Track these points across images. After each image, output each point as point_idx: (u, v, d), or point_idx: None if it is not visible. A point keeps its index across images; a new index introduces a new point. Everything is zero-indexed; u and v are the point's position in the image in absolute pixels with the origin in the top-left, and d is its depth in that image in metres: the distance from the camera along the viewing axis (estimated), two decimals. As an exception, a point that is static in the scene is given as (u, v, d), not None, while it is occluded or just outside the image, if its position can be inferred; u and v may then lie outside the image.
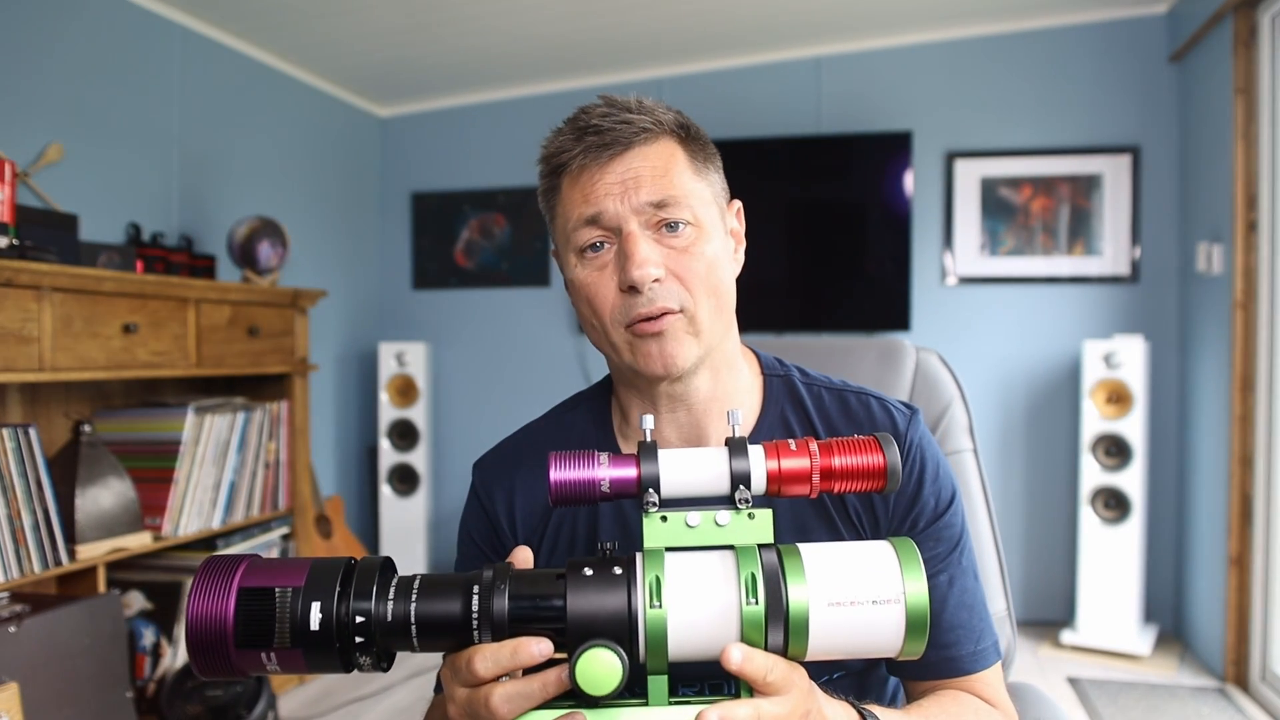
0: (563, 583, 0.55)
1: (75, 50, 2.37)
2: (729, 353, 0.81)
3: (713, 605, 0.55)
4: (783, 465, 0.59)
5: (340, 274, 3.54)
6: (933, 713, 0.73)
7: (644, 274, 0.72)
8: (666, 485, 0.58)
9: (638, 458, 0.59)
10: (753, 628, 0.54)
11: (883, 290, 3.22)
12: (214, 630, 0.54)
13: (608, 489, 0.58)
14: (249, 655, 0.54)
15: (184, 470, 2.23)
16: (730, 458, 0.59)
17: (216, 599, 0.54)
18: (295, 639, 0.54)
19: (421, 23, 2.92)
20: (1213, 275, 2.70)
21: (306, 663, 0.55)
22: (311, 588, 0.55)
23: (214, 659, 0.54)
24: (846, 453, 0.59)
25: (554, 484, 0.58)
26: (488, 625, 0.55)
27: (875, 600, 0.54)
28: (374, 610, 0.55)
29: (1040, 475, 3.16)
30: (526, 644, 0.54)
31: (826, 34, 3.18)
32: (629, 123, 0.74)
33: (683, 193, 0.74)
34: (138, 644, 2.13)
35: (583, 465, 0.58)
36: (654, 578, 0.54)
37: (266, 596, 0.54)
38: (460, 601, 0.55)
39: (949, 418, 1.09)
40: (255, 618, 0.54)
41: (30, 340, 1.83)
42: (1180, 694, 2.49)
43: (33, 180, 2.22)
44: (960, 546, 0.80)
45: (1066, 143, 3.10)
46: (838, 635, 0.55)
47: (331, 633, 0.54)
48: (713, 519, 0.58)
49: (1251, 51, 2.50)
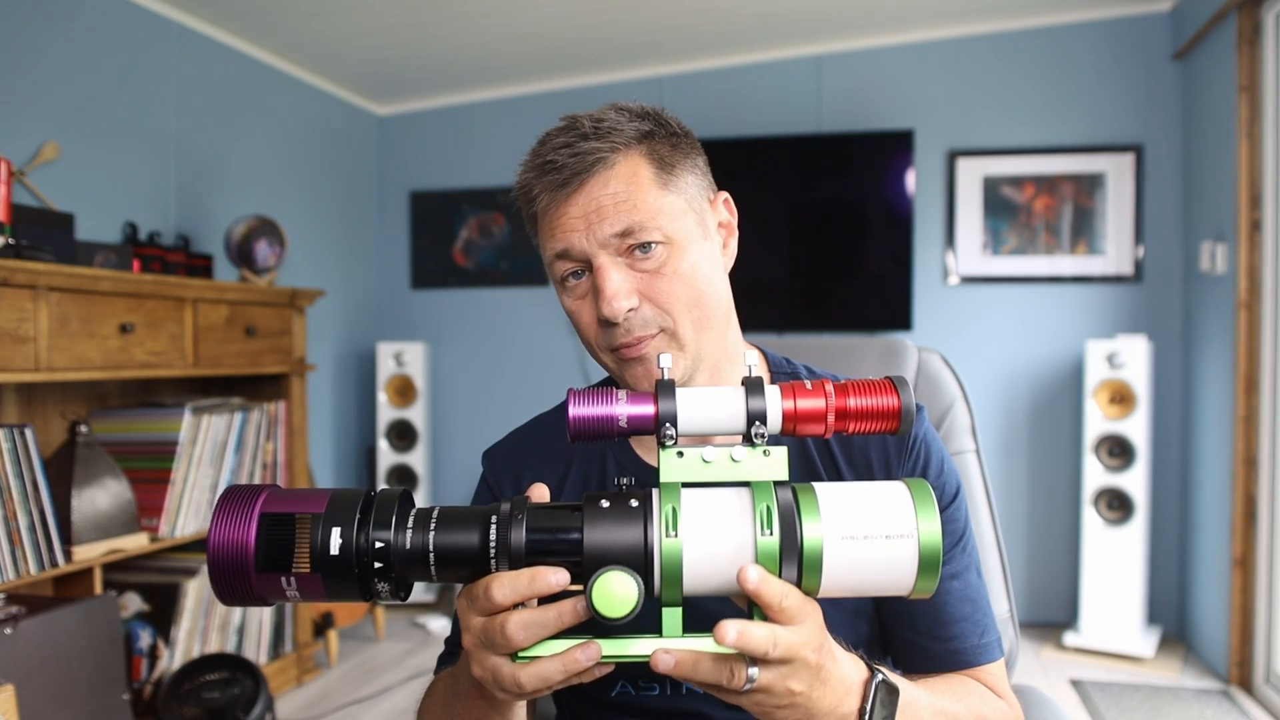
0: (579, 515, 0.56)
1: (72, 48, 2.36)
2: (729, 348, 0.81)
3: (729, 537, 0.55)
4: (799, 404, 0.59)
5: (338, 273, 3.53)
6: (939, 688, 0.73)
7: (614, 308, 0.73)
8: (684, 422, 0.59)
9: (655, 395, 0.59)
10: (768, 560, 0.54)
11: (884, 290, 3.20)
12: (235, 555, 0.55)
13: (625, 424, 0.58)
14: (269, 579, 0.55)
15: (181, 471, 2.22)
16: (747, 396, 0.59)
17: (238, 524, 0.55)
18: (315, 564, 0.55)
19: (420, 20, 2.91)
20: (1216, 275, 2.69)
21: (326, 588, 0.56)
22: (332, 515, 0.56)
23: (235, 584, 0.55)
24: (862, 393, 0.60)
25: (573, 419, 0.58)
26: (505, 556, 0.56)
27: (889, 535, 0.55)
28: (393, 539, 0.56)
29: (1043, 476, 3.14)
30: (544, 573, 0.55)
31: (827, 32, 3.17)
32: (583, 153, 0.73)
33: (649, 213, 0.73)
34: (135, 646, 2.11)
35: (601, 401, 0.59)
36: (670, 509, 0.55)
37: (288, 522, 0.55)
38: (478, 532, 0.56)
39: (951, 418, 1.08)
40: (276, 542, 0.55)
41: (26, 340, 1.82)
42: (1184, 696, 2.48)
43: (29, 179, 2.22)
44: (963, 541, 0.80)
45: (1069, 141, 3.09)
46: (851, 570, 0.55)
47: (351, 559, 0.55)
48: (728, 455, 0.58)
49: (1255, 49, 2.49)
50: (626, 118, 0.76)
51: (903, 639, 0.80)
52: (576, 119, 0.76)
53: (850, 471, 0.81)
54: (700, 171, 0.80)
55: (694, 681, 0.55)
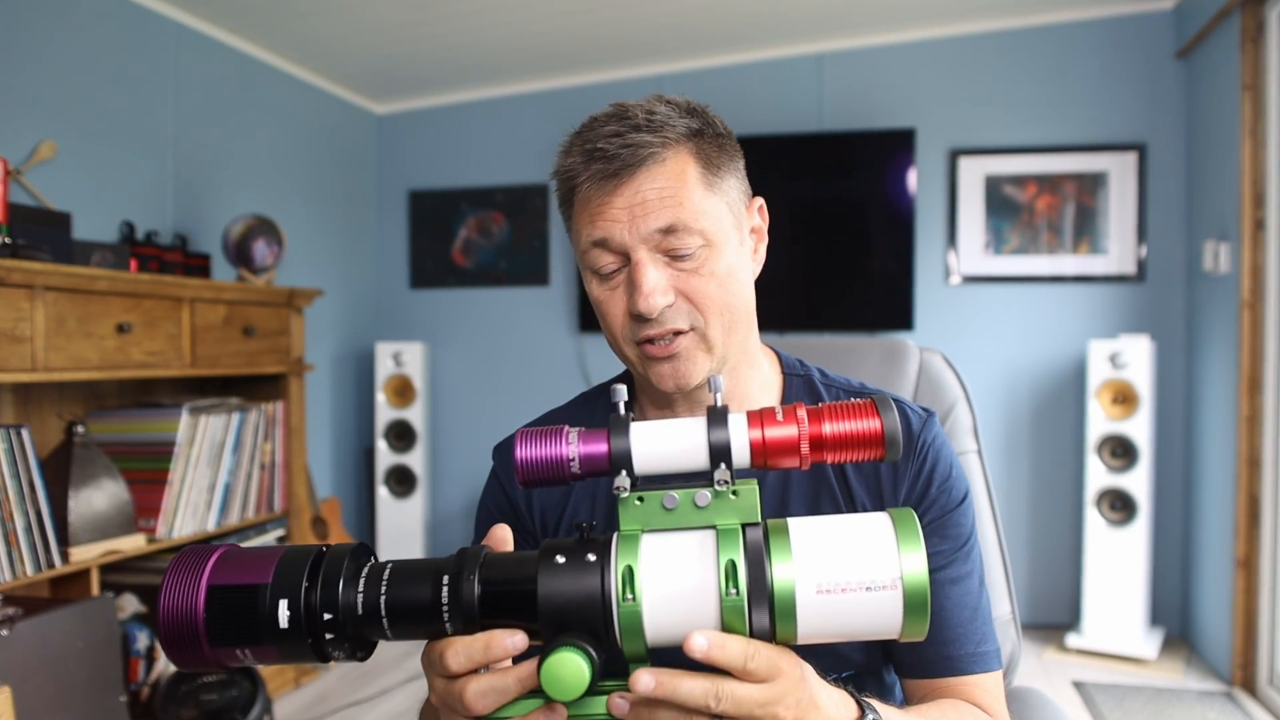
0: (534, 568, 0.53)
1: (69, 47, 2.35)
2: (749, 352, 0.82)
3: (691, 594, 0.52)
4: (767, 435, 0.54)
5: (337, 273, 3.52)
6: (933, 716, 0.72)
7: (651, 304, 0.72)
8: (640, 461, 0.55)
9: (609, 432, 0.55)
10: (734, 615, 0.51)
11: (886, 289, 3.19)
12: (186, 628, 0.53)
13: (578, 469, 0.55)
14: (223, 651, 0.54)
15: (178, 471, 2.21)
16: (709, 429, 0.54)
17: (186, 596, 0.54)
18: (265, 636, 0.53)
19: (419, 18, 2.90)
20: (1220, 274, 2.68)
21: (281, 656, 0.54)
22: (279, 583, 0.53)
23: (188, 653, 0.54)
24: (839, 418, 0.55)
25: (520, 462, 0.55)
26: (458, 613, 0.53)
27: (869, 587, 0.51)
28: (342, 601, 0.53)
29: (1045, 477, 3.13)
30: (499, 638, 0.53)
31: (829, 30, 3.16)
32: (636, 145, 0.72)
33: (693, 214, 0.73)
34: (131, 647, 2.11)
35: (550, 443, 0.55)
36: (626, 568, 0.52)
37: (234, 594, 0.53)
38: (430, 589, 0.54)
39: (953, 419, 1.08)
40: (224, 617, 0.53)
41: (23, 340, 1.81)
42: (1187, 698, 2.46)
43: (25, 178, 2.21)
44: (967, 547, 0.80)
45: (1072, 140, 3.07)
46: (830, 620, 0.52)
47: (301, 628, 0.53)
48: (691, 500, 0.54)
49: (1259, 47, 2.48)
50: (677, 113, 0.75)
51: (897, 643, 0.78)
52: (627, 108, 0.75)
53: (857, 475, 0.81)
54: (740, 175, 0.80)
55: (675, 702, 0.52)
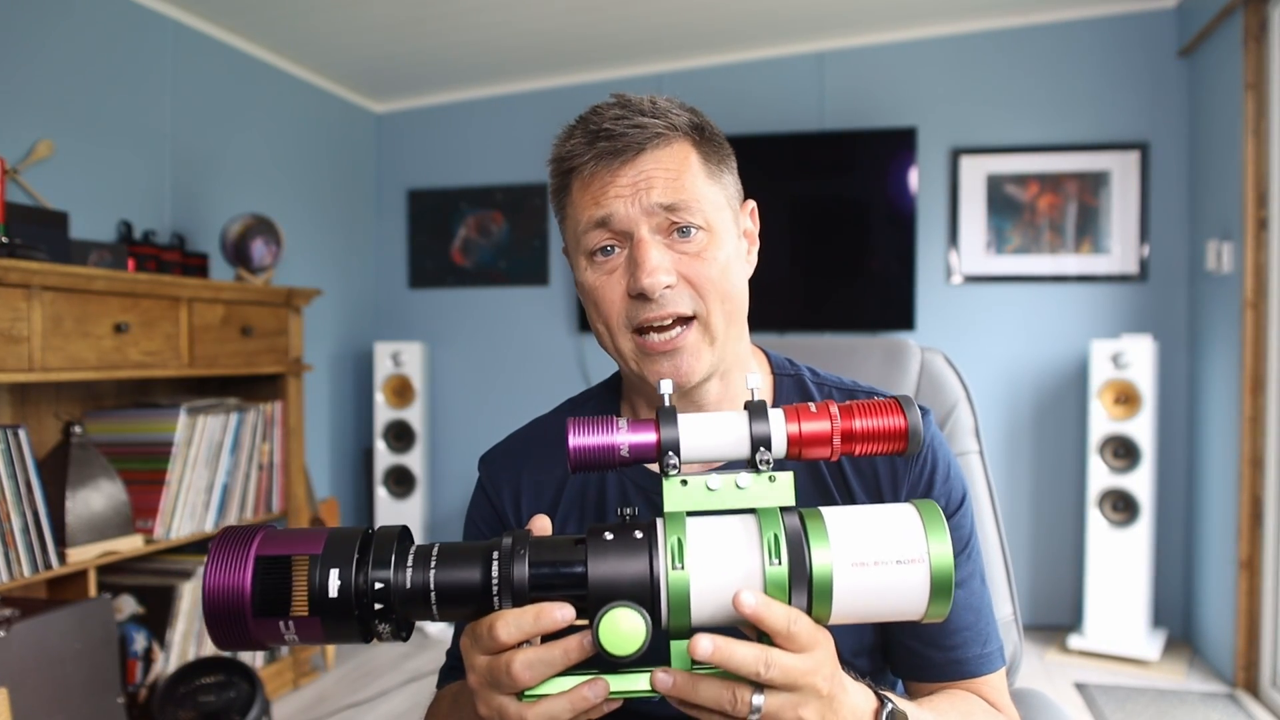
0: (583, 548, 0.55)
1: (66, 45, 2.34)
2: (740, 354, 0.82)
3: (736, 567, 0.54)
4: (803, 428, 0.58)
5: (335, 273, 3.51)
6: (943, 708, 0.73)
7: (654, 281, 0.72)
8: (686, 449, 0.58)
9: (657, 421, 0.58)
10: (776, 589, 0.54)
11: (887, 289, 3.18)
12: (232, 599, 0.53)
13: (627, 453, 0.57)
14: (267, 624, 0.54)
15: (176, 472, 2.20)
16: (750, 420, 0.58)
17: (233, 568, 0.54)
18: (314, 607, 0.53)
19: (417, 16, 2.89)
20: (1222, 274, 2.67)
21: (325, 631, 0.54)
22: (329, 555, 0.54)
23: (232, 629, 0.54)
24: (868, 415, 0.59)
25: (573, 449, 0.57)
26: (508, 592, 0.55)
27: (899, 560, 0.54)
28: (393, 578, 0.54)
29: (1047, 477, 3.12)
30: (549, 609, 0.54)
31: (829, 28, 3.15)
32: (642, 126, 0.73)
33: (695, 197, 0.73)
34: (129, 649, 2.10)
35: (601, 430, 0.58)
36: (675, 540, 0.54)
37: (284, 565, 0.54)
38: (480, 569, 0.55)
39: (954, 419, 1.08)
40: (273, 586, 0.53)
41: (20, 340, 1.81)
42: (1189, 700, 2.45)
43: (22, 177, 2.20)
44: (968, 549, 0.80)
45: (1074, 139, 3.06)
46: (862, 597, 0.54)
47: (350, 601, 0.53)
48: (733, 482, 0.57)
49: (1262, 46, 2.47)
50: (679, 107, 0.77)
51: (904, 646, 0.79)
52: (630, 97, 0.76)
53: (857, 478, 0.80)
54: (735, 175, 0.81)
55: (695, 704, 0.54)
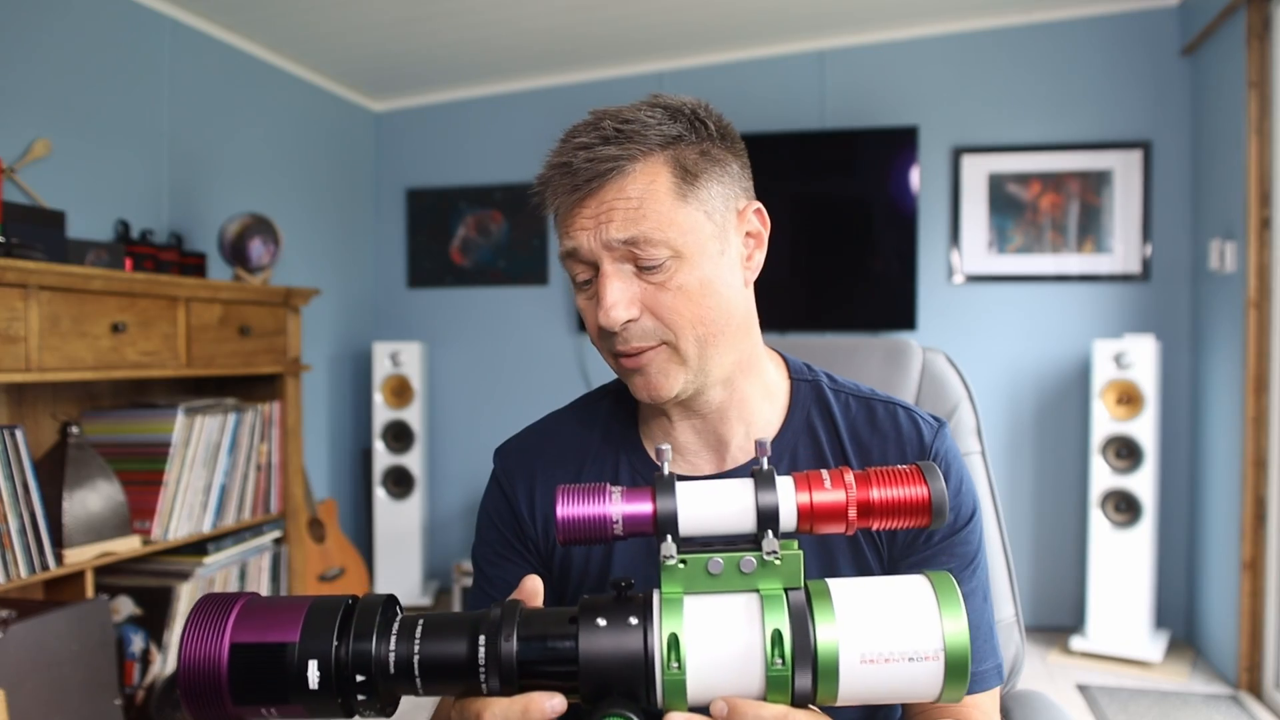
0: (575, 629, 0.53)
1: (63, 44, 2.33)
2: (743, 361, 0.80)
3: (735, 662, 0.52)
4: (815, 499, 0.54)
5: (334, 272, 3.49)
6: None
7: (611, 319, 0.71)
8: (685, 523, 0.54)
9: (653, 492, 0.54)
10: (778, 685, 0.52)
11: (888, 289, 3.17)
12: (208, 685, 0.51)
13: (620, 530, 0.54)
14: (247, 710, 0.52)
15: (174, 473, 2.19)
16: (756, 491, 0.54)
17: (207, 652, 0.51)
18: (293, 695, 0.51)
19: (416, 15, 2.88)
20: (1225, 273, 2.66)
21: (308, 712, 0.53)
22: (307, 641, 0.51)
23: (209, 711, 0.52)
24: (886, 484, 0.54)
25: (561, 521, 0.54)
26: (495, 670, 0.53)
27: (912, 657, 0.51)
28: (375, 656, 0.52)
29: (1049, 478, 3.11)
30: (538, 702, 0.52)
31: (830, 27, 3.13)
32: (602, 158, 0.71)
33: (659, 225, 0.70)
34: (127, 650, 2.09)
35: (593, 500, 0.54)
36: (671, 636, 0.52)
37: (259, 652, 0.51)
38: (466, 644, 0.53)
39: (956, 419, 1.07)
40: (249, 676, 0.51)
41: (16, 340, 1.79)
42: (1192, 701, 2.44)
43: (19, 176, 2.19)
44: (974, 565, 0.79)
45: (1076, 138, 3.05)
46: (871, 687, 0.52)
47: (331, 688, 0.51)
48: (736, 566, 0.54)
49: (1265, 44, 2.46)
50: (657, 119, 0.73)
51: None
52: (603, 116, 0.74)
53: None
54: (731, 179, 0.77)
55: None
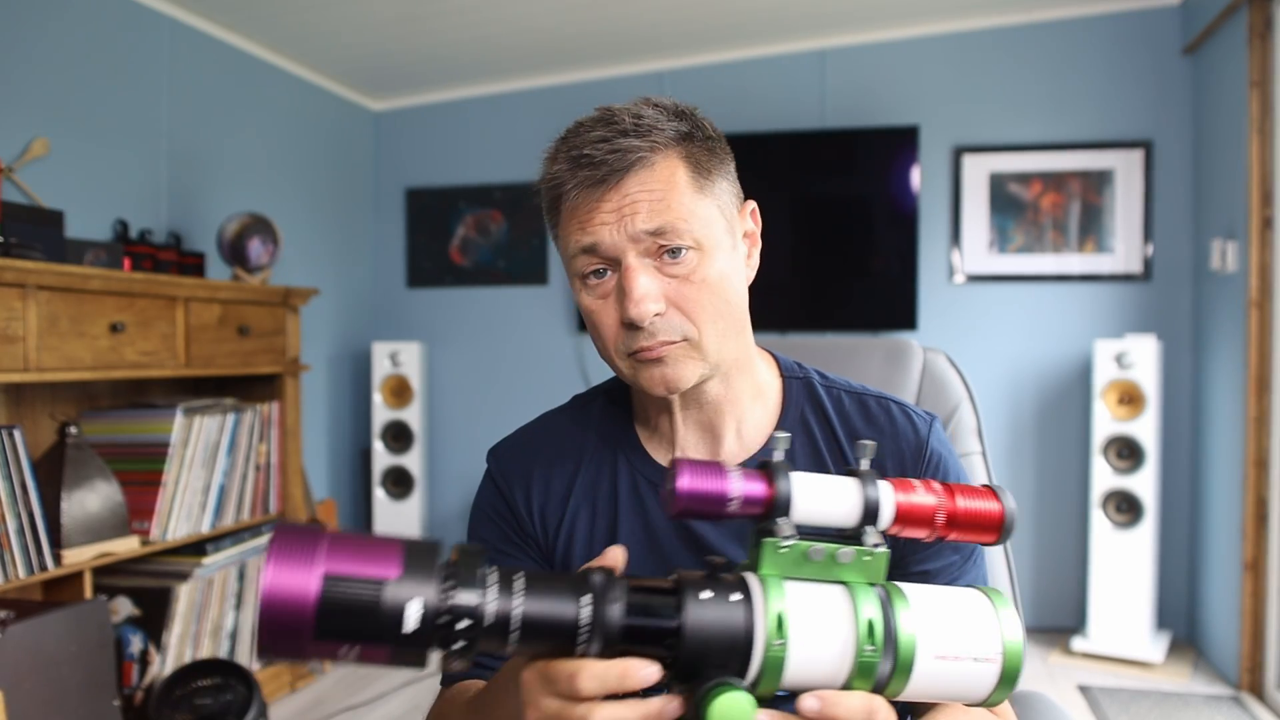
0: (678, 601, 0.53)
1: (61, 43, 2.33)
2: (741, 357, 0.81)
3: (832, 645, 0.53)
4: (913, 501, 0.57)
5: (333, 272, 3.49)
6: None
7: (641, 311, 0.71)
8: (798, 510, 0.55)
9: (770, 475, 0.55)
10: (864, 672, 0.53)
11: (889, 288, 3.16)
12: (291, 617, 0.47)
13: (735, 508, 0.54)
14: (326, 645, 0.48)
15: (172, 473, 2.19)
16: (864, 488, 0.56)
17: (297, 581, 0.47)
18: (385, 636, 0.48)
19: (416, 14, 2.87)
20: (1227, 273, 2.65)
21: (391, 658, 0.49)
22: (409, 579, 0.48)
23: (286, 645, 0.47)
24: (968, 496, 0.57)
25: (682, 492, 0.53)
26: (599, 635, 0.51)
27: (976, 658, 0.55)
28: (477, 609, 0.49)
29: (1050, 478, 3.10)
30: (636, 668, 0.51)
31: (831, 26, 3.13)
32: (624, 150, 0.71)
33: (682, 216, 0.72)
34: (125, 651, 2.08)
35: (713, 476, 0.54)
36: (778, 615, 0.52)
37: (356, 586, 0.47)
38: (571, 606, 0.51)
39: (957, 420, 1.07)
40: (340, 610, 0.47)
41: (15, 340, 1.80)
42: (1194, 702, 2.44)
43: (17, 176, 2.18)
44: (973, 557, 0.80)
45: (1077, 137, 3.04)
46: (934, 683, 0.55)
47: (429, 633, 0.48)
48: (833, 555, 0.55)
49: (1267, 44, 2.45)
50: (665, 116, 0.74)
51: None
52: (614, 113, 0.74)
53: None
54: (731, 178, 0.79)
55: None
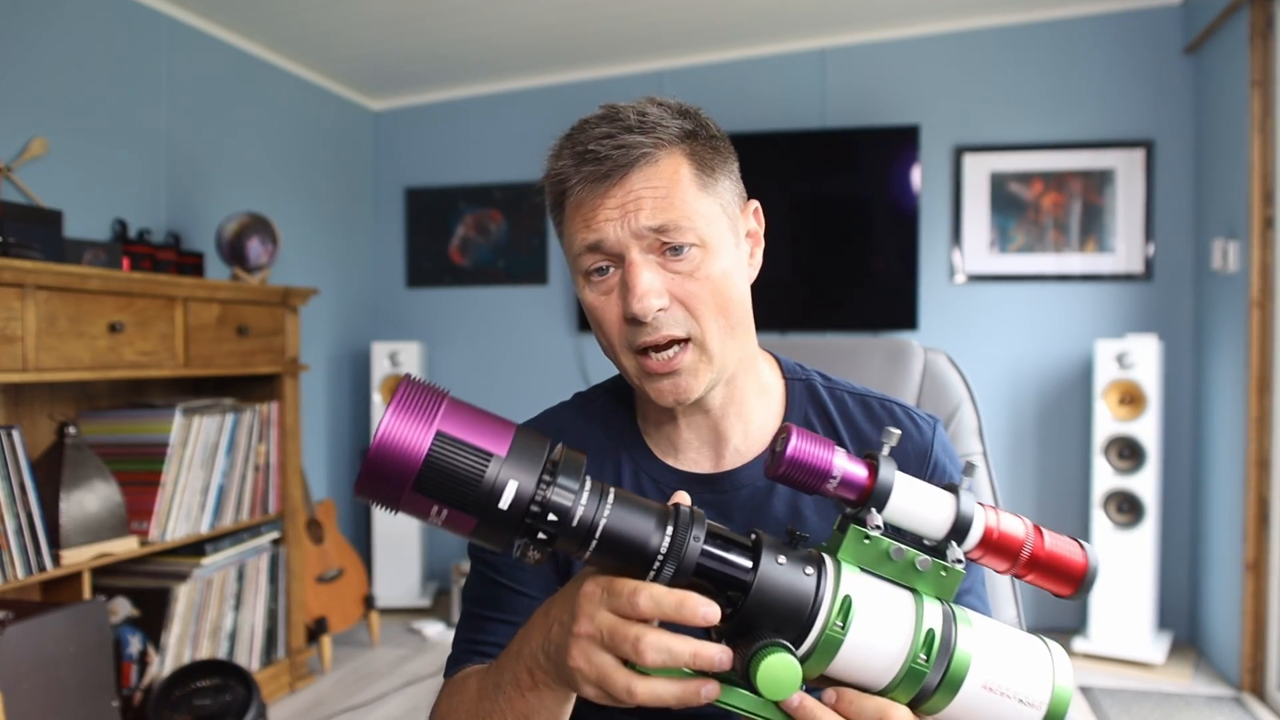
0: (755, 556, 0.53)
1: (60, 42, 2.32)
2: (744, 359, 0.80)
3: (887, 646, 0.53)
4: (1001, 528, 0.56)
5: (332, 272, 3.48)
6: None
7: (645, 306, 0.71)
8: (892, 507, 0.56)
9: (875, 465, 0.55)
10: (911, 680, 0.53)
11: (889, 288, 3.16)
12: (398, 463, 0.48)
13: (832, 488, 0.55)
14: (420, 500, 0.49)
15: (171, 473, 2.18)
16: (959, 503, 0.56)
17: (412, 433, 0.49)
18: (476, 508, 0.49)
19: (415, 13, 2.87)
20: (1228, 273, 2.64)
21: (474, 530, 0.50)
22: (515, 460, 0.50)
23: (384, 490, 0.49)
24: (1057, 543, 0.57)
25: (789, 455, 0.54)
26: (674, 561, 0.52)
27: (1022, 700, 0.55)
28: (570, 509, 0.51)
29: (1051, 478, 3.10)
30: (695, 603, 0.51)
31: (832, 25, 3.12)
32: (628, 146, 0.71)
33: (686, 213, 0.72)
34: (124, 651, 2.08)
35: (822, 449, 0.55)
36: (846, 598, 0.53)
37: (465, 451, 0.49)
38: (654, 530, 0.52)
39: (958, 420, 1.07)
40: (445, 470, 0.49)
41: (14, 340, 1.79)
42: (1195, 703, 2.44)
43: (16, 175, 2.18)
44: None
45: (1078, 137, 3.04)
46: (974, 712, 0.55)
47: (520, 517, 0.50)
48: (912, 561, 0.56)
49: (1268, 43, 2.45)
50: (669, 114, 0.74)
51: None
52: (619, 110, 0.74)
53: None
54: (735, 177, 0.79)
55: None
